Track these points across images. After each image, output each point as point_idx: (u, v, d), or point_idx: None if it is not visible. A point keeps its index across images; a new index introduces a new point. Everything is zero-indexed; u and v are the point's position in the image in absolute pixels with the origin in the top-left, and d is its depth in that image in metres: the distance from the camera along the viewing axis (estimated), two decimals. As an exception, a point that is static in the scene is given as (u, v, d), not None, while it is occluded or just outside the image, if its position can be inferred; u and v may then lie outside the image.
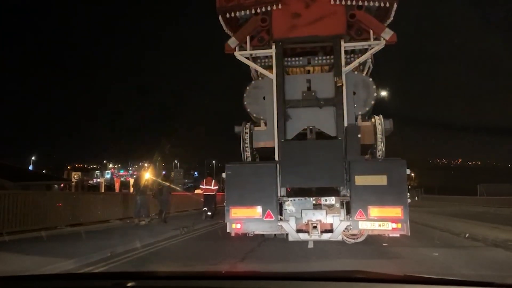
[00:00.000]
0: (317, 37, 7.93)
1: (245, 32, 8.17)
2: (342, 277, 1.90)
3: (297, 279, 1.91)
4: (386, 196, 6.75)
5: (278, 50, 7.94)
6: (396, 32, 7.77)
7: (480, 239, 9.11)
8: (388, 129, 8.04)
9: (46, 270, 5.50)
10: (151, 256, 7.54)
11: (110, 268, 6.14)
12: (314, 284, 1.83)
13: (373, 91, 7.90)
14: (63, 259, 6.24)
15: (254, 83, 8.41)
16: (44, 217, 10.19)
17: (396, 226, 6.77)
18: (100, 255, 7.01)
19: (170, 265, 6.94)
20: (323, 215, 7.08)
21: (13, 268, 5.69)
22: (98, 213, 12.68)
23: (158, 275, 2.31)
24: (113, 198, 14.98)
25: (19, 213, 9.39)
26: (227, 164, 7.36)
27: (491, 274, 5.98)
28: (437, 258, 7.08)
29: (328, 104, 7.79)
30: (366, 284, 1.79)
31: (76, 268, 6.03)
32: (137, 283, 1.86)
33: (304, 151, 7.30)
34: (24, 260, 6.34)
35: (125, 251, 7.60)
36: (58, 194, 18.01)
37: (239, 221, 7.10)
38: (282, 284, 1.83)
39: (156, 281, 2.03)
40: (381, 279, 1.91)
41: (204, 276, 2.15)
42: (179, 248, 8.76)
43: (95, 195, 16.80)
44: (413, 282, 1.83)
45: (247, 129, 8.13)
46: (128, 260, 7.01)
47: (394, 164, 7.02)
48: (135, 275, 2.24)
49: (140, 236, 9.18)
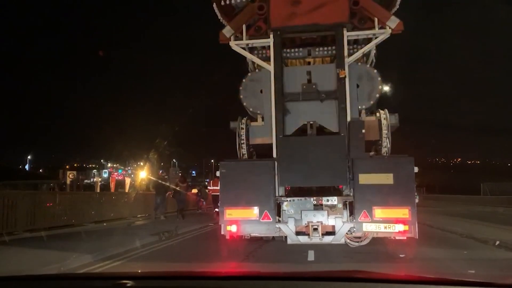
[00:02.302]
0: (318, 26, 7.44)
1: (241, 21, 7.69)
2: (342, 277, 1.91)
3: (297, 279, 1.92)
4: (392, 196, 6.50)
5: (276, 39, 7.47)
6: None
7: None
8: (394, 124, 7.64)
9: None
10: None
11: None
12: (314, 284, 1.83)
13: (378, 84, 7.46)
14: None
15: (251, 75, 7.97)
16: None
17: (403, 228, 6.50)
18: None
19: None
20: (325, 217, 6.78)
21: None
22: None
23: (157, 275, 2.27)
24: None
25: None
26: (221, 162, 7.04)
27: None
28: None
29: (330, 98, 7.36)
30: (366, 284, 1.80)
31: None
32: (137, 283, 1.86)
33: (304, 148, 7.01)
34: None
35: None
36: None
37: (235, 222, 6.81)
38: (282, 284, 1.85)
39: (155, 281, 2.04)
40: (381, 279, 1.92)
41: (204, 276, 2.16)
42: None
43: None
44: (413, 282, 1.83)
45: (243, 124, 7.72)
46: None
47: (401, 161, 6.69)
48: (135, 275, 2.30)
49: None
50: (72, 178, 30.87)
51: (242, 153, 7.76)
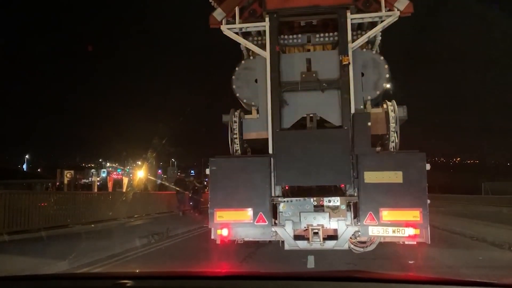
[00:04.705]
0: (318, 8, 6.72)
1: (233, 3, 6.97)
2: (342, 277, 1.91)
3: (297, 279, 1.95)
4: (401, 196, 5.85)
5: (272, 23, 6.76)
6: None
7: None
8: (402, 117, 6.94)
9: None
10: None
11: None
12: (314, 284, 1.84)
13: (385, 72, 6.76)
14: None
15: (244, 63, 7.25)
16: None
17: (414, 232, 5.86)
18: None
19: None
20: (326, 219, 6.10)
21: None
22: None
23: (157, 275, 2.25)
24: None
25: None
26: (211, 158, 6.33)
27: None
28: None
29: (332, 87, 6.66)
30: (366, 284, 1.79)
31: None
32: (137, 283, 1.88)
33: (303, 143, 6.32)
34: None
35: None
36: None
37: (226, 226, 6.15)
38: (282, 284, 1.86)
39: (155, 281, 2.05)
40: (381, 279, 1.92)
41: (204, 276, 2.17)
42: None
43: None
44: (413, 282, 1.83)
45: (236, 117, 7.02)
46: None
47: (411, 157, 6.02)
48: (134, 275, 2.36)
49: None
50: (69, 178, 30.38)
51: (235, 149, 7.06)
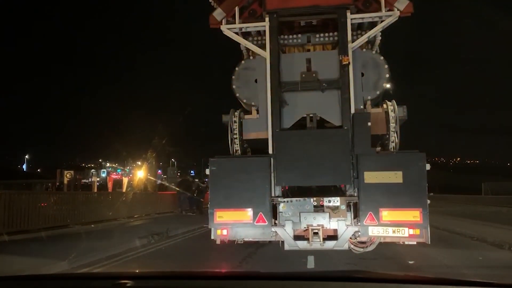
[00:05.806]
0: (318, 8, 6.69)
1: (233, 3, 6.95)
2: (342, 277, 1.91)
3: (297, 279, 1.93)
4: (401, 197, 5.82)
5: (272, 23, 6.73)
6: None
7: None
8: (402, 117, 6.91)
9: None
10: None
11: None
12: (314, 284, 1.83)
13: (385, 72, 6.74)
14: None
15: (244, 63, 7.22)
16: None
17: (414, 232, 5.84)
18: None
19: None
20: (326, 219, 6.07)
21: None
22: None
23: (157, 275, 2.25)
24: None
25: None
26: (211, 158, 6.30)
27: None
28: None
29: (332, 87, 6.63)
30: (366, 284, 1.79)
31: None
32: (137, 283, 1.87)
33: (303, 143, 6.28)
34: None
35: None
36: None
37: (226, 226, 6.14)
38: (282, 284, 1.85)
39: (155, 281, 2.03)
40: (381, 279, 1.91)
41: (204, 276, 2.16)
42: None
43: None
44: (413, 282, 1.82)
45: (235, 117, 6.99)
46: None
47: (411, 157, 6.00)
48: (134, 275, 2.36)
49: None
50: (69, 178, 30.32)
51: (235, 149, 7.03)
